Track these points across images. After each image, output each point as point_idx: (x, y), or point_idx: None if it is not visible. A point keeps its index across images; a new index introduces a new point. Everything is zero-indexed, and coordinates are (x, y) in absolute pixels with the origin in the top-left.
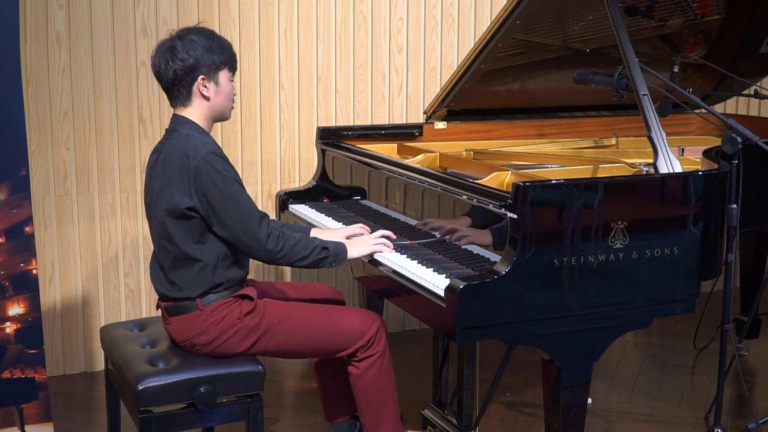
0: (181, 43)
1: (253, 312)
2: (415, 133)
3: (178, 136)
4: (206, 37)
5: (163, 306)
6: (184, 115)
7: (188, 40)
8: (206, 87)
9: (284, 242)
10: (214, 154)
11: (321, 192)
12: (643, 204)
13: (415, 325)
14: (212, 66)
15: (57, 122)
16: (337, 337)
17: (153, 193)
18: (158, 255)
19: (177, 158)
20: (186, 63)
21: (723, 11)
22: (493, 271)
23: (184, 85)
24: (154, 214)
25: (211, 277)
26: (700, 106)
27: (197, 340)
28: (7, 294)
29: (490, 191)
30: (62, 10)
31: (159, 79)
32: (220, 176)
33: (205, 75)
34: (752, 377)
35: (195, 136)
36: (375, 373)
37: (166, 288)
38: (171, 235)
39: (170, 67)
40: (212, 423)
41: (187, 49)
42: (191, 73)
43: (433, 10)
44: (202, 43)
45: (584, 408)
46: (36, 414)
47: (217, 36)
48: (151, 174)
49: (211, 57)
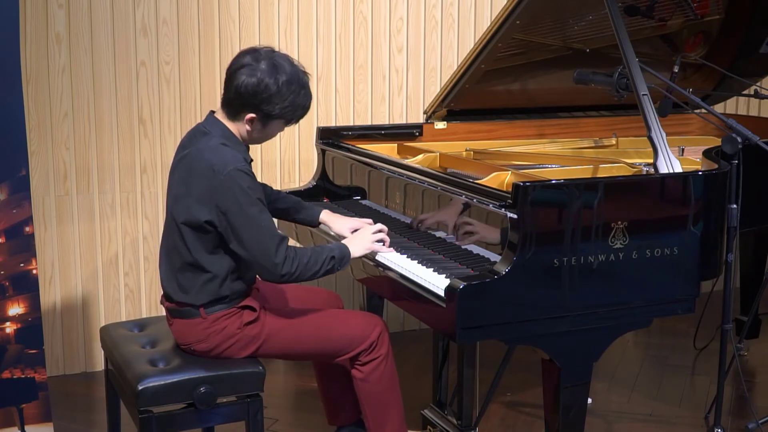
0: (272, 76)
1: (254, 322)
2: (415, 133)
3: (208, 142)
4: (289, 88)
5: (167, 306)
6: (222, 120)
7: (278, 79)
8: (252, 123)
9: (298, 263)
10: (241, 171)
11: (321, 192)
12: (643, 204)
13: (415, 325)
14: (272, 114)
15: (57, 122)
16: (338, 342)
17: (173, 195)
18: (169, 253)
19: (203, 169)
20: (250, 97)
21: (723, 11)
22: (493, 271)
23: (234, 104)
24: (172, 215)
25: (217, 290)
26: (700, 106)
27: (197, 347)
28: (7, 294)
29: (490, 191)
30: (62, 10)
31: (228, 77)
32: (244, 195)
33: (258, 117)
34: (752, 377)
35: (226, 147)
36: (378, 377)
37: (173, 288)
38: (185, 242)
39: (243, 81)
40: (212, 423)
41: (262, 85)
42: (246, 106)
43: (433, 10)
44: (283, 89)
45: (584, 408)
46: (36, 414)
47: (305, 92)
48: (173, 173)
49: (273, 106)
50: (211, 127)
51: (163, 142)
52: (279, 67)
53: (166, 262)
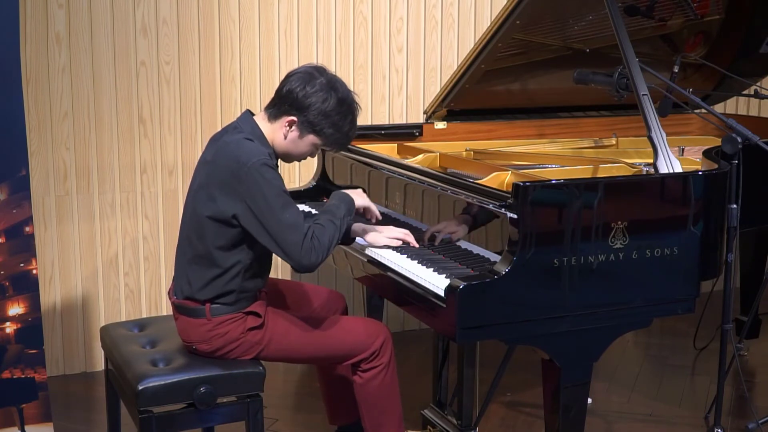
0: (327, 91)
1: (257, 328)
2: (415, 133)
3: (235, 136)
4: (340, 109)
5: (174, 302)
6: (257, 120)
7: (326, 96)
8: (290, 128)
9: (321, 249)
10: (265, 164)
11: (321, 192)
12: (643, 204)
13: (415, 325)
14: (311, 125)
15: (57, 122)
16: (340, 350)
17: (197, 184)
18: (182, 245)
19: (228, 161)
20: (298, 100)
21: (723, 11)
22: (493, 271)
23: (282, 105)
24: (193, 206)
25: (223, 285)
26: (700, 106)
27: (199, 347)
28: (7, 294)
29: (490, 191)
30: (62, 10)
31: (284, 81)
32: (269, 187)
33: (299, 121)
34: (752, 377)
35: (253, 142)
36: (379, 384)
37: (182, 282)
38: (204, 235)
39: (298, 86)
40: (212, 423)
41: (317, 95)
42: (293, 109)
43: (433, 10)
44: (328, 107)
45: (584, 408)
46: (36, 414)
47: (352, 119)
48: (200, 167)
49: (319, 119)
50: (242, 124)
51: (163, 142)
52: (336, 86)
53: (180, 254)
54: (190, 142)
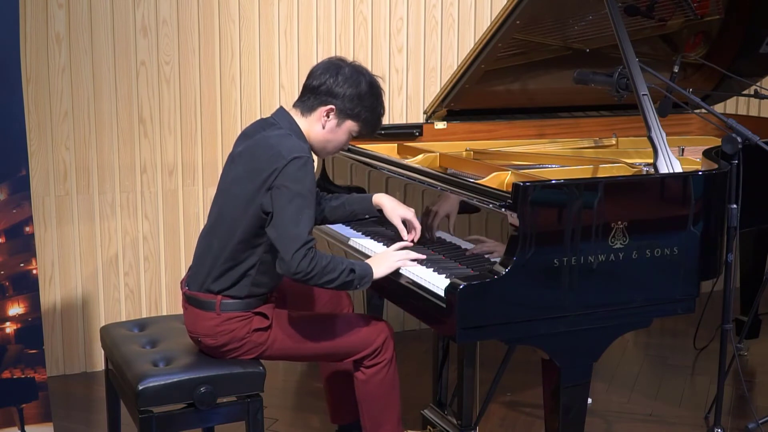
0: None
1: (262, 330)
2: (415, 133)
3: (275, 131)
4: (372, 91)
5: (185, 292)
6: (293, 115)
7: (358, 81)
8: (328, 117)
9: (316, 263)
10: (303, 160)
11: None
12: (643, 204)
13: (415, 325)
14: (348, 110)
15: (57, 122)
16: (342, 348)
17: (231, 177)
18: (206, 237)
19: (268, 154)
20: (333, 89)
21: (723, 11)
22: (493, 271)
23: (316, 97)
24: (222, 199)
25: (238, 278)
26: (700, 106)
27: (204, 341)
28: (7, 294)
29: (490, 191)
30: (62, 10)
31: (309, 76)
32: (298, 184)
33: (337, 109)
34: (752, 377)
35: (293, 137)
36: (380, 381)
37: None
38: (230, 228)
39: (327, 78)
40: (212, 423)
41: (349, 82)
42: (329, 97)
43: (433, 11)
44: (362, 91)
45: (584, 408)
46: (36, 414)
47: (381, 100)
48: (234, 161)
49: (355, 104)
50: (279, 119)
51: (163, 142)
52: (363, 71)
53: (203, 246)
54: (190, 142)
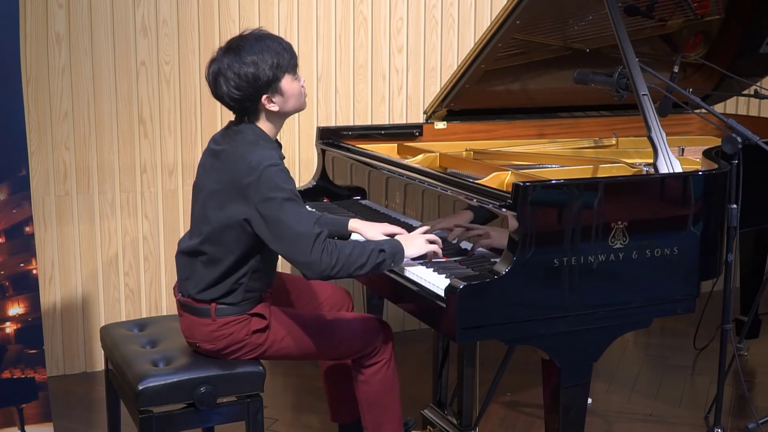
0: (240, 59)
1: (261, 331)
2: (415, 133)
3: (244, 140)
4: (261, 46)
5: (179, 299)
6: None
7: (243, 56)
8: (270, 100)
9: (338, 255)
10: (276, 167)
11: (321, 192)
12: (643, 204)
13: (415, 325)
14: (274, 80)
15: (57, 122)
16: (341, 347)
17: (208, 191)
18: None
19: (239, 166)
20: (244, 91)
21: (723, 11)
22: (493, 271)
23: (246, 102)
24: (201, 210)
25: (229, 287)
26: (700, 106)
27: (203, 345)
28: (7, 294)
29: (490, 191)
30: (62, 10)
31: (214, 95)
32: (279, 191)
33: (271, 92)
34: (752, 377)
35: (260, 146)
36: (379, 380)
37: (188, 282)
38: (213, 239)
39: (226, 86)
40: (212, 423)
41: (239, 74)
42: (254, 90)
43: (433, 10)
44: (257, 55)
45: (584, 408)
46: (36, 414)
47: (272, 39)
48: (206, 169)
49: (267, 72)
50: (244, 128)
51: (163, 142)
52: (237, 48)
53: (185, 254)
54: (190, 142)
